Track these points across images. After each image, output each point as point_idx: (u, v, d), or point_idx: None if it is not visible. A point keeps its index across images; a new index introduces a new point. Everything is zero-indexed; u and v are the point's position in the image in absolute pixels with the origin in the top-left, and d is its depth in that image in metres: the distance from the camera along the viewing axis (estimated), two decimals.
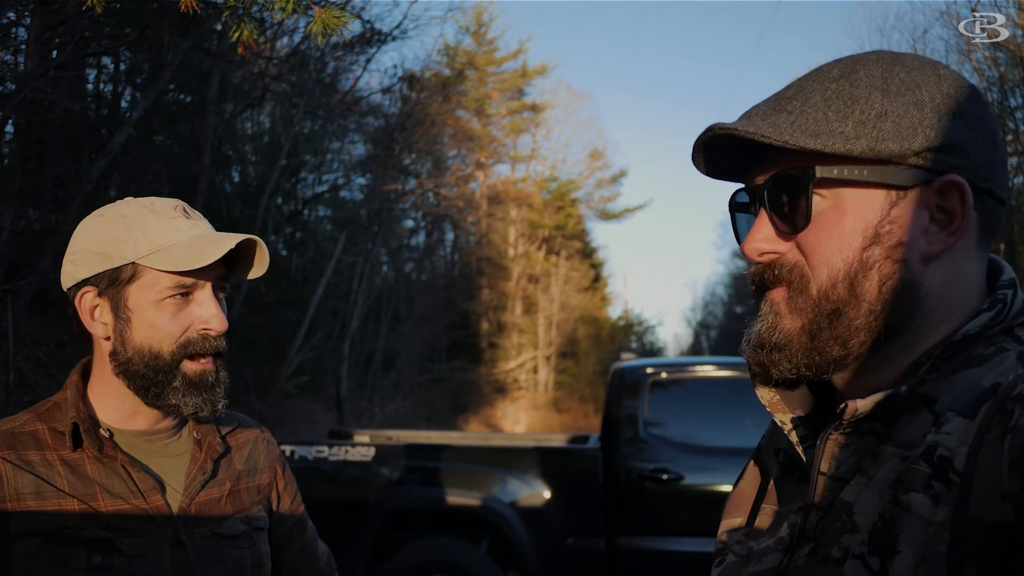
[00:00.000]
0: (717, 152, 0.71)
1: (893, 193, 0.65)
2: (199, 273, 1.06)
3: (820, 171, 0.65)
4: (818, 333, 0.67)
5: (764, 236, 0.70)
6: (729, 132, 0.66)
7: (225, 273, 1.12)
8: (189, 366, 1.08)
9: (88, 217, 1.11)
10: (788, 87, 0.70)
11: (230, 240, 1.05)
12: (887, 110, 0.64)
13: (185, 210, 1.11)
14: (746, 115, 0.70)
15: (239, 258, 1.12)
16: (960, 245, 0.65)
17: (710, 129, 0.67)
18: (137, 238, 1.05)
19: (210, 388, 1.09)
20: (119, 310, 1.07)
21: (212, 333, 1.08)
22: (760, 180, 0.71)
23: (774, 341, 0.69)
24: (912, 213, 0.65)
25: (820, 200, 0.67)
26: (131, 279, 1.06)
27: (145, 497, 1.07)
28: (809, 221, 0.67)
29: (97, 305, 1.08)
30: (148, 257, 1.05)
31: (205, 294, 1.09)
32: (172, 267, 1.04)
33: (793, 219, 0.67)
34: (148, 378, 1.07)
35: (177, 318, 1.07)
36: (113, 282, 1.06)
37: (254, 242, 1.10)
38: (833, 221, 0.66)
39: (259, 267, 1.13)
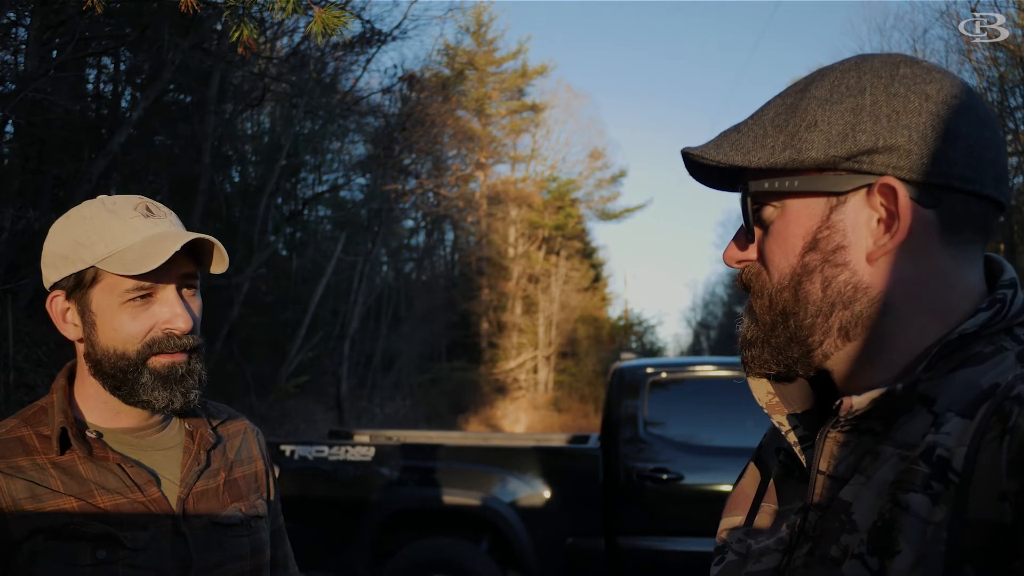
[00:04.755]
0: (705, 167, 0.74)
1: (833, 199, 0.68)
2: (157, 274, 1.04)
3: (752, 185, 0.71)
4: (773, 334, 0.71)
5: (736, 245, 0.75)
6: (687, 153, 0.73)
7: (193, 270, 1.11)
8: (156, 360, 1.07)
9: (58, 219, 1.11)
10: (767, 102, 0.74)
11: (175, 243, 1.03)
12: (818, 120, 0.67)
13: (148, 208, 1.10)
14: (720, 134, 0.74)
15: (205, 250, 1.11)
16: (911, 244, 0.65)
17: (682, 152, 0.74)
18: (95, 241, 1.04)
19: (179, 380, 1.08)
20: (85, 313, 1.07)
21: (177, 332, 1.08)
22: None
23: (747, 339, 0.74)
24: (853, 217, 0.67)
25: (773, 211, 0.71)
26: (93, 282, 1.06)
27: (142, 490, 1.07)
28: (753, 232, 0.73)
29: (67, 308, 1.09)
30: (104, 261, 1.04)
31: (168, 294, 1.08)
32: (123, 271, 1.03)
33: (750, 230, 0.73)
34: (118, 378, 1.07)
35: (138, 320, 1.06)
36: (78, 286, 1.07)
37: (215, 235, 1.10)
38: (780, 230, 0.70)
39: (219, 263, 1.12)
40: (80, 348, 1.11)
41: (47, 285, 1.10)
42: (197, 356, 1.12)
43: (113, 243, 1.04)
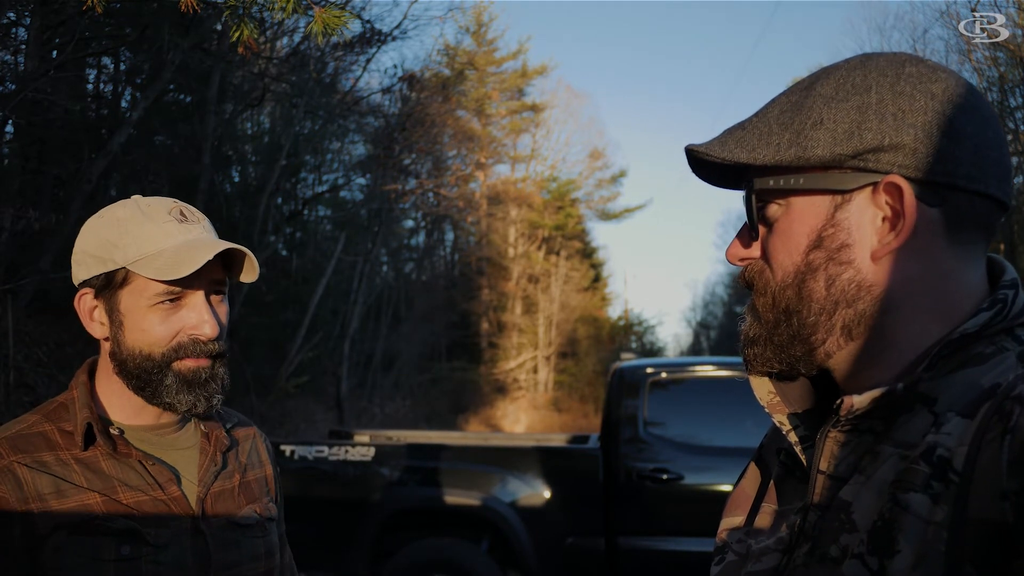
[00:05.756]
0: (709, 164, 0.74)
1: (838, 197, 0.67)
2: (188, 279, 1.04)
3: (757, 183, 0.70)
4: (776, 332, 0.71)
5: (740, 243, 0.75)
6: (691, 150, 0.73)
7: (222, 277, 1.12)
8: (181, 364, 1.08)
9: (92, 217, 1.12)
10: (771, 100, 0.74)
11: (209, 251, 1.03)
12: (823, 118, 0.66)
13: (182, 212, 1.10)
14: (724, 131, 0.73)
15: (235, 258, 1.12)
16: (916, 243, 0.65)
17: (686, 148, 0.74)
18: (128, 243, 1.05)
19: (203, 384, 1.09)
20: (113, 313, 1.08)
21: (202, 339, 1.08)
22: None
23: (749, 337, 0.74)
24: (858, 215, 0.67)
25: (777, 208, 0.71)
26: (123, 283, 1.06)
27: (163, 488, 1.08)
28: (757, 229, 0.72)
29: (96, 307, 1.10)
30: (136, 264, 1.05)
31: (196, 299, 1.08)
32: (155, 275, 1.04)
33: (755, 227, 0.73)
34: (143, 379, 1.08)
35: (167, 323, 1.07)
36: (107, 286, 1.07)
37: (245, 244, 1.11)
38: (785, 228, 0.70)
39: (249, 273, 1.13)
40: (105, 347, 1.11)
41: (76, 282, 1.10)
42: (221, 361, 1.12)
43: (145, 247, 1.05)
